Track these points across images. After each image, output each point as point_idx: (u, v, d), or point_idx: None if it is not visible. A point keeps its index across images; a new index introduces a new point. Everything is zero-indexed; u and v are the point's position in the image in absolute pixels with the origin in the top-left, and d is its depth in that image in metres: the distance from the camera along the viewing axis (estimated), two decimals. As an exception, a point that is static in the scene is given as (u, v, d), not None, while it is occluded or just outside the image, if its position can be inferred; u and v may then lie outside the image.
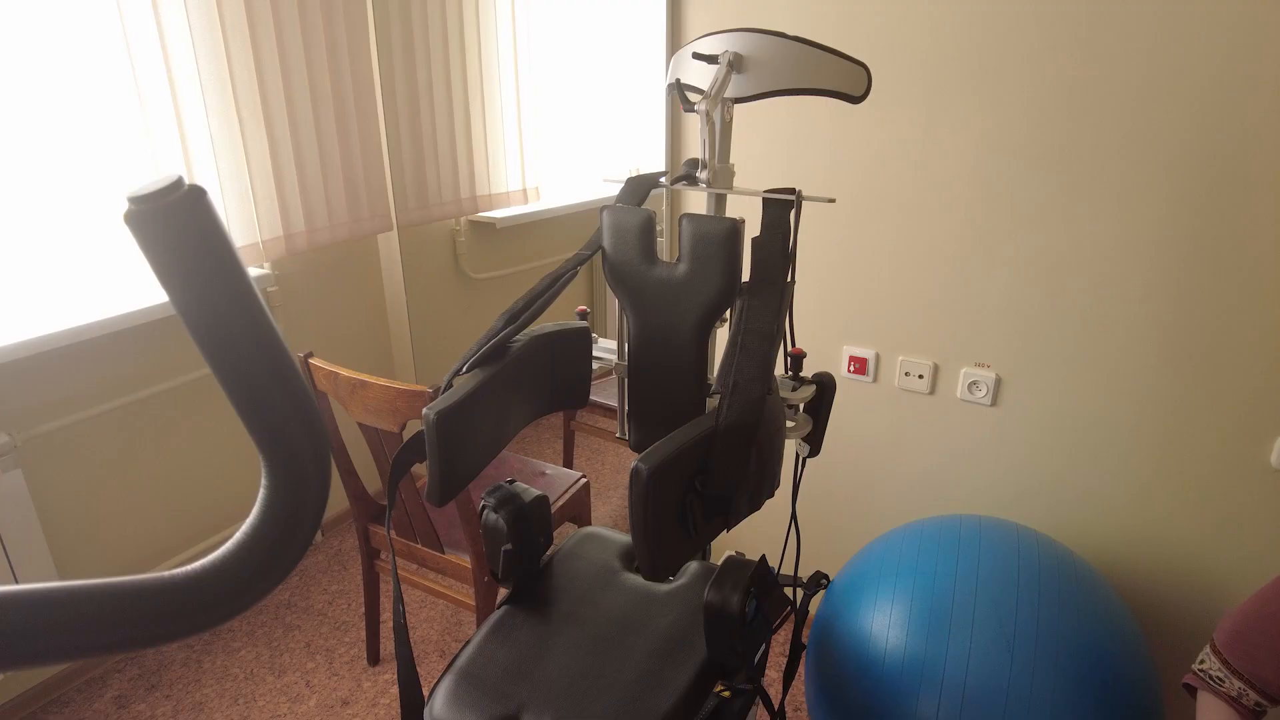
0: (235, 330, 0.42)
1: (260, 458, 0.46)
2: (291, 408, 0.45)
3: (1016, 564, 1.36)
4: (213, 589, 0.45)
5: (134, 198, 0.39)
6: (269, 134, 1.97)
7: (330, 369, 1.57)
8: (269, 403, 0.44)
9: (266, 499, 0.47)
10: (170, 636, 0.44)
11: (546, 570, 1.29)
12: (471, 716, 1.03)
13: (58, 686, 1.89)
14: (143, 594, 0.43)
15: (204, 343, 0.42)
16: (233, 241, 0.42)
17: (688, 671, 1.08)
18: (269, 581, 0.47)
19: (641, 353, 1.16)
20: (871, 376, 1.79)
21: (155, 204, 0.39)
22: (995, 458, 1.71)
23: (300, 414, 0.45)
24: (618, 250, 1.12)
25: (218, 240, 0.41)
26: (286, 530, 0.47)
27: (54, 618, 0.40)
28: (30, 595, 0.40)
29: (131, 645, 0.42)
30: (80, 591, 0.41)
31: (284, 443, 0.45)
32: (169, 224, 0.39)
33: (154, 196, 0.39)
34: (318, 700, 1.86)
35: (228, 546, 0.46)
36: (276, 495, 0.47)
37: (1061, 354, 1.57)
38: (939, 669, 1.27)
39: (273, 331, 0.44)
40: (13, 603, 0.39)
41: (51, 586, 0.41)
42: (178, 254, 0.40)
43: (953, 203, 1.58)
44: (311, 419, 0.46)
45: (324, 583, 2.28)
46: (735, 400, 0.90)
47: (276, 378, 0.44)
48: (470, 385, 1.00)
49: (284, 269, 2.22)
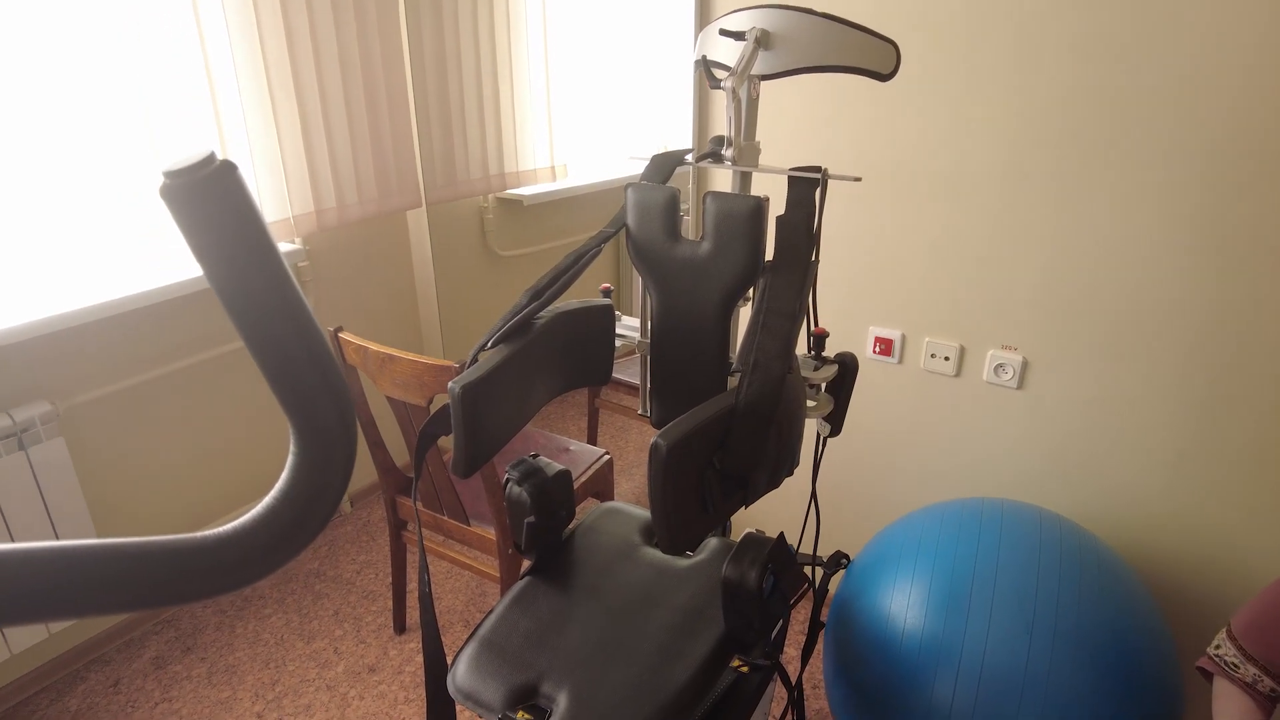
0: (266, 302, 0.43)
1: (289, 427, 0.48)
2: (319, 379, 0.47)
3: (1038, 547, 1.36)
4: (239, 552, 0.47)
5: (169, 172, 0.40)
6: (300, 110, 2.00)
7: (360, 343, 1.60)
8: (298, 373, 0.46)
9: (294, 466, 0.49)
10: (198, 595, 0.46)
11: (568, 543, 1.31)
12: (493, 684, 1.05)
13: (99, 646, 1.96)
14: (173, 554, 0.45)
15: (235, 314, 0.43)
16: (263, 215, 0.43)
17: (705, 645, 1.09)
18: (294, 547, 0.49)
19: (664, 331, 1.16)
20: (897, 358, 1.78)
21: (189, 178, 0.40)
22: (1020, 442, 1.69)
23: (328, 385, 0.47)
24: (642, 228, 1.12)
25: (248, 213, 0.42)
26: (312, 497, 0.48)
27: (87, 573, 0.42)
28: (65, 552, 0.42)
29: (161, 602, 0.44)
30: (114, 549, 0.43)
31: (312, 413, 0.47)
32: (201, 198, 0.41)
33: (187, 171, 0.40)
34: (345, 666, 1.91)
35: (256, 511, 0.48)
36: (303, 464, 0.48)
37: (1091, 337, 1.54)
38: (956, 650, 1.27)
39: (302, 304, 0.45)
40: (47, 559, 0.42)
41: (86, 544, 0.43)
42: (210, 227, 0.41)
43: (984, 183, 1.56)
44: (339, 391, 0.48)
45: (352, 552, 2.34)
46: (755, 378, 0.91)
47: (305, 350, 0.46)
48: (495, 360, 1.02)
49: (315, 244, 2.25)
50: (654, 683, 1.04)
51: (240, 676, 1.88)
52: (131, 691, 1.85)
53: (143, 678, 1.89)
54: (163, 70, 1.80)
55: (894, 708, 1.32)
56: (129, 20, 1.73)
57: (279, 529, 0.48)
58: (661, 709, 1.01)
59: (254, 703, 1.81)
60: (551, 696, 1.04)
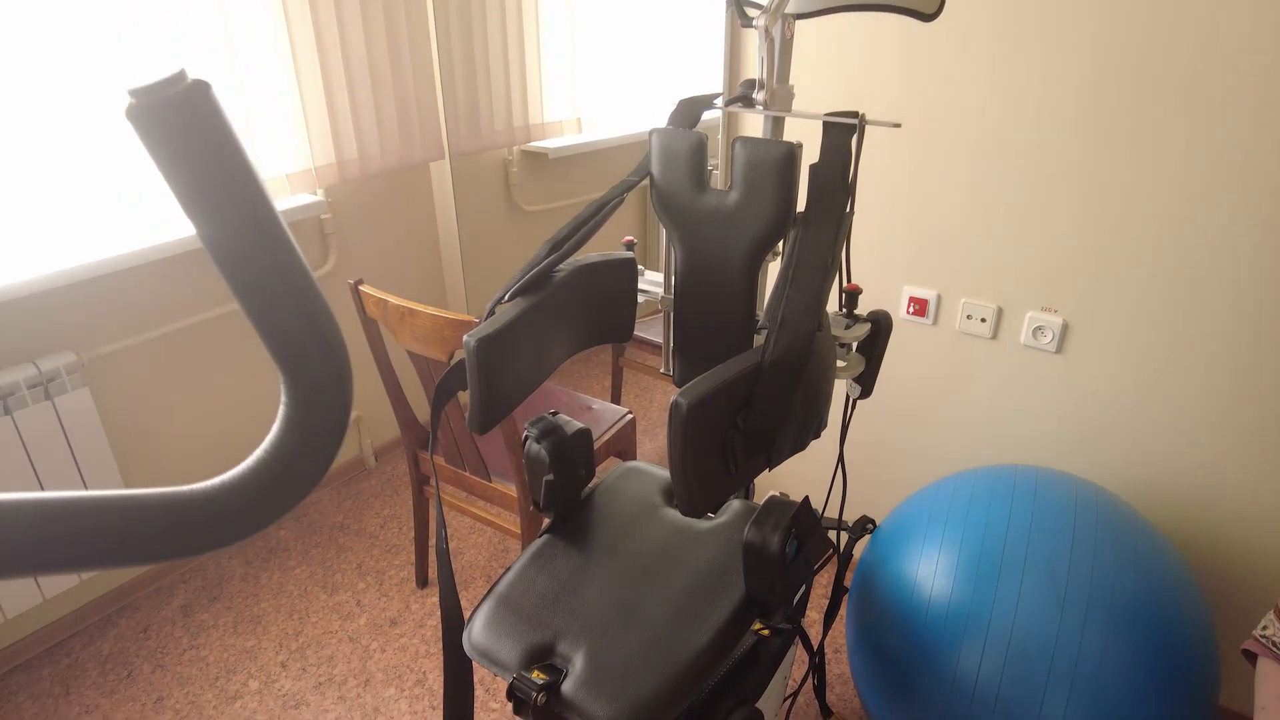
0: (243, 236, 0.39)
1: (279, 374, 0.45)
2: (306, 321, 0.43)
3: (1073, 517, 1.31)
4: (228, 506, 0.44)
5: (134, 90, 0.36)
6: (321, 59, 1.95)
7: (379, 296, 1.57)
8: (282, 314, 0.42)
9: (284, 418, 0.45)
10: (186, 551, 0.43)
11: (588, 502, 1.29)
12: (508, 643, 1.04)
13: (130, 592, 1.99)
14: (159, 508, 0.42)
15: (212, 248, 0.40)
16: (241, 142, 0.39)
17: (725, 609, 1.07)
18: (283, 503, 0.46)
19: (688, 285, 1.12)
20: (931, 319, 1.72)
21: (156, 97, 0.36)
22: (1057, 408, 1.63)
23: (315, 328, 0.43)
24: (666, 176, 1.07)
25: (223, 138, 0.38)
26: (302, 452, 0.45)
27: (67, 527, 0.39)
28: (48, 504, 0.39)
29: (145, 558, 0.42)
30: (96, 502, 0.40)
31: (299, 358, 0.44)
32: (171, 119, 0.37)
33: (155, 89, 0.36)
34: (367, 619, 1.92)
35: (246, 464, 0.45)
36: (293, 415, 0.45)
37: (1136, 301, 1.47)
38: (984, 620, 1.24)
39: (285, 238, 0.42)
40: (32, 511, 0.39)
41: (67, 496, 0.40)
42: (181, 153, 0.37)
43: (1027, 135, 1.48)
44: (328, 334, 0.44)
45: (376, 506, 2.35)
46: (783, 335, 0.86)
47: (290, 289, 0.42)
48: (512, 314, 0.98)
49: (337, 196, 2.22)
50: (672, 645, 1.02)
51: (265, 626, 1.91)
52: (161, 638, 1.88)
53: (171, 625, 1.92)
54: (183, 17, 1.75)
55: (918, 675, 1.29)
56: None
57: (269, 484, 0.45)
58: (679, 672, 0.98)
59: (277, 652, 1.83)
60: (567, 656, 1.02)
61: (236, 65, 1.84)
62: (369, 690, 1.73)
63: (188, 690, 1.74)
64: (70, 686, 1.75)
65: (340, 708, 1.68)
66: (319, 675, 1.76)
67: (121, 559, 0.40)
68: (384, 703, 1.70)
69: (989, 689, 1.21)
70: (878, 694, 1.38)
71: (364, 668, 1.78)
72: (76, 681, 1.76)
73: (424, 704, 1.69)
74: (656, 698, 0.96)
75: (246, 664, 1.80)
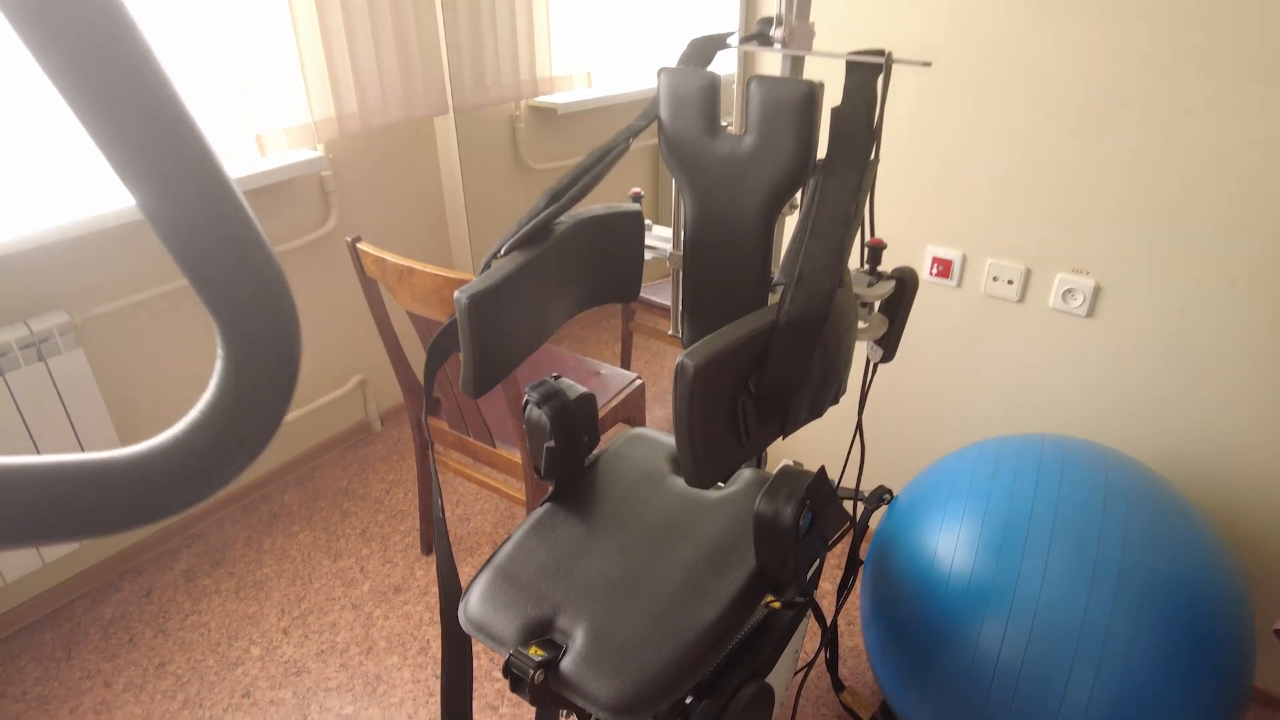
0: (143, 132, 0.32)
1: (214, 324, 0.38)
2: (233, 250, 0.36)
3: (1103, 490, 1.24)
4: (157, 477, 0.38)
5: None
6: (319, 6, 1.86)
7: (378, 254, 1.51)
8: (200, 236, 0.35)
9: (220, 373, 0.39)
10: (103, 529, 0.37)
11: (591, 470, 1.23)
12: (505, 616, 0.99)
13: (133, 556, 1.97)
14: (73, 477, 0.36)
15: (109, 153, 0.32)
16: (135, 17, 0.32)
17: (733, 583, 1.01)
18: (225, 472, 0.40)
19: (699, 240, 1.04)
20: (956, 280, 1.63)
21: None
22: (1088, 375, 1.55)
23: (243, 255, 0.36)
24: (676, 119, 0.99)
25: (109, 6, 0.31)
26: (240, 415, 0.39)
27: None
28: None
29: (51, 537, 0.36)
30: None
31: (228, 297, 0.37)
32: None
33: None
34: (371, 586, 1.89)
35: (179, 427, 0.39)
36: (230, 369, 0.39)
37: (1176, 262, 1.38)
38: (1007, 596, 1.18)
39: (204, 146, 0.34)
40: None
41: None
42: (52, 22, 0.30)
43: (1064, 81, 1.38)
44: (265, 270, 0.38)
45: (382, 471, 2.31)
46: (800, 292, 0.79)
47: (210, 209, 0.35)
48: (507, 269, 0.91)
49: (337, 152, 2.14)
50: (677, 621, 0.96)
51: (267, 592, 1.88)
52: (163, 602, 1.86)
53: (174, 589, 1.89)
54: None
55: (936, 652, 1.23)
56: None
57: (206, 452, 0.39)
58: (685, 650, 0.93)
59: (280, 619, 1.80)
60: (567, 631, 0.97)
61: (229, 11, 1.75)
62: (371, 658, 1.70)
63: (189, 656, 1.71)
64: (72, 650, 1.73)
65: (342, 675, 1.66)
66: (321, 642, 1.74)
67: (14, 539, 0.34)
68: (386, 671, 1.67)
69: (1010, 667, 1.16)
70: (893, 670, 1.33)
71: (367, 635, 1.75)
72: (78, 645, 1.75)
73: (427, 672, 1.66)
74: (660, 676, 0.91)
75: (248, 630, 1.77)
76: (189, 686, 1.64)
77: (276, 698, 1.61)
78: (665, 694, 0.90)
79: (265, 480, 2.23)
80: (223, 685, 1.64)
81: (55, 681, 1.66)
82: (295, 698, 1.61)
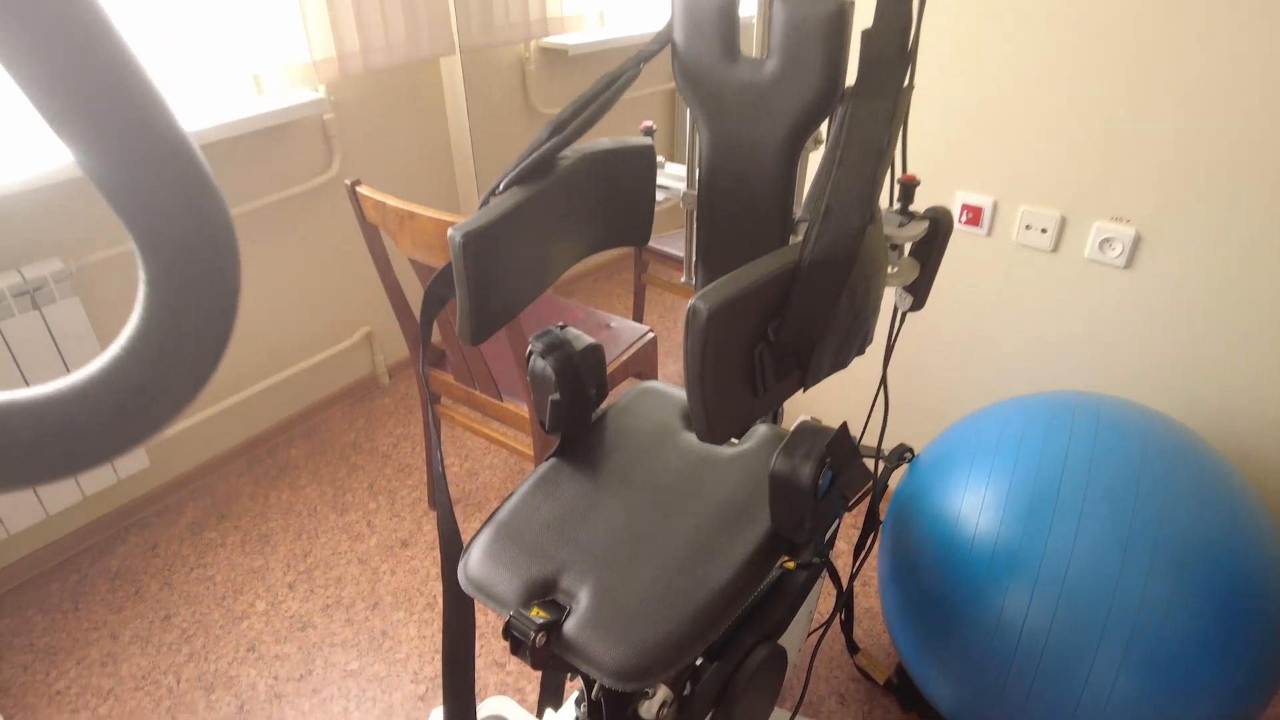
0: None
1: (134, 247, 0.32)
2: (155, 158, 0.30)
3: (1140, 452, 1.17)
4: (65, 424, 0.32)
5: None
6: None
7: (378, 198, 1.44)
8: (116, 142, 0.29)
9: (143, 307, 0.33)
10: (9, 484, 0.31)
11: (599, 424, 1.17)
12: (506, 576, 0.94)
13: (138, 509, 1.95)
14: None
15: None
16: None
17: (746, 544, 0.95)
18: (148, 420, 0.34)
19: (715, 177, 0.96)
20: (986, 229, 1.55)
21: None
22: (1125, 330, 1.47)
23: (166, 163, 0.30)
24: (690, 42, 0.90)
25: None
26: (163, 357, 0.33)
27: None
28: None
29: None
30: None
31: (150, 216, 0.31)
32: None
33: None
34: (378, 540, 1.86)
35: (93, 367, 0.33)
36: (153, 304, 0.32)
37: (1223, 210, 1.28)
38: (1035, 561, 1.12)
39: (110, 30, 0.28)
40: None
41: None
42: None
43: (1107, 15, 1.27)
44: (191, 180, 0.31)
45: (389, 425, 2.27)
46: (826, 229, 0.72)
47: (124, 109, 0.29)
48: (506, 205, 0.84)
49: (340, 95, 2.06)
50: (687, 584, 0.91)
51: (273, 546, 1.85)
52: (169, 556, 1.84)
53: (179, 543, 1.87)
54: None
55: (956, 618, 1.18)
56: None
57: (126, 396, 0.33)
58: (694, 613, 0.88)
59: (285, 573, 1.78)
60: (571, 592, 0.92)
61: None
62: (377, 613, 1.67)
63: (195, 609, 1.70)
64: (79, 602, 1.72)
65: (348, 630, 1.63)
66: (327, 597, 1.71)
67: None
68: (392, 626, 1.64)
69: (1036, 635, 1.11)
70: (911, 635, 1.28)
71: (373, 590, 1.73)
72: (85, 597, 1.73)
73: (433, 628, 1.63)
74: (668, 641, 0.86)
75: (254, 584, 1.75)
76: (194, 640, 1.62)
77: (281, 652, 1.59)
78: (673, 659, 0.85)
79: (271, 434, 2.20)
80: (228, 639, 1.62)
81: (62, 633, 1.65)
82: (300, 652, 1.59)
